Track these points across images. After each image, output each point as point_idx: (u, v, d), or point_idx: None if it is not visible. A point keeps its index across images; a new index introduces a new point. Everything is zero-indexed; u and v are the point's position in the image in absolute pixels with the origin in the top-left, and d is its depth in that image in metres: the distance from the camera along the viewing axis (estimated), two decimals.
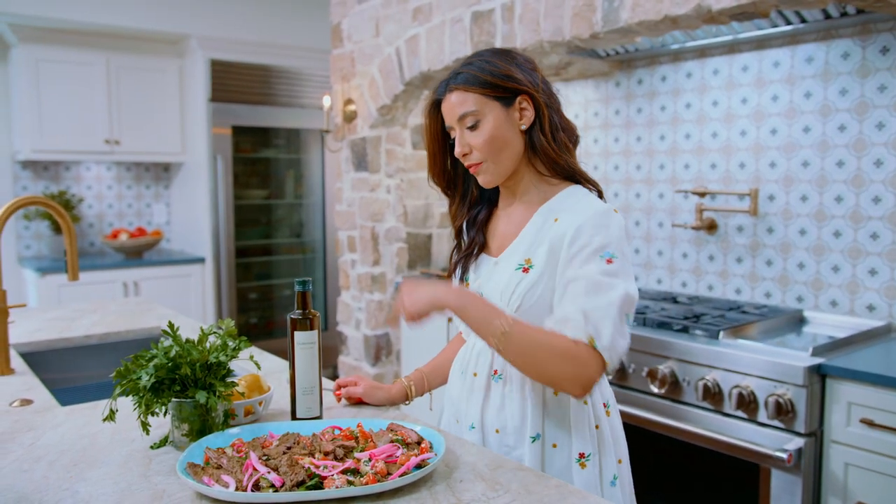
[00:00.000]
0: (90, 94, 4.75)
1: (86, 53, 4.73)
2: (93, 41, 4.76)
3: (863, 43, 2.53)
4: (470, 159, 1.41)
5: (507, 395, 1.42)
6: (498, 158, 1.39)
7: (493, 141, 1.38)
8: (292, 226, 5.63)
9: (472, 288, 1.47)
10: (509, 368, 1.41)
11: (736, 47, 2.87)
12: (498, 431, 1.42)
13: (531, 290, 1.35)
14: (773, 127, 2.79)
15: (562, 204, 1.41)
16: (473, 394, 1.46)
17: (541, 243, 1.37)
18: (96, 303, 3.01)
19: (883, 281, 2.52)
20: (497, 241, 1.48)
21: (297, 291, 1.45)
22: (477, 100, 1.38)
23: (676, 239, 3.15)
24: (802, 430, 2.07)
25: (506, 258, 1.43)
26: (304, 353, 1.45)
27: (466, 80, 1.39)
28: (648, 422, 2.40)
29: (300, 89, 5.27)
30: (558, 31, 2.58)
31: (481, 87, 1.38)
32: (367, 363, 3.89)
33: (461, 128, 1.40)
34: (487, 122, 1.38)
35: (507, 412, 1.41)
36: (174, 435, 1.35)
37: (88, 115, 4.75)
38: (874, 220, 2.54)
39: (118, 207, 5.33)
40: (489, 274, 1.44)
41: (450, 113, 1.41)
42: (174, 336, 1.36)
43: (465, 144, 1.40)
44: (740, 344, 2.31)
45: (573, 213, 1.35)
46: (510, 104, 1.39)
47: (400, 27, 3.40)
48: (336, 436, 1.30)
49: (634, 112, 3.28)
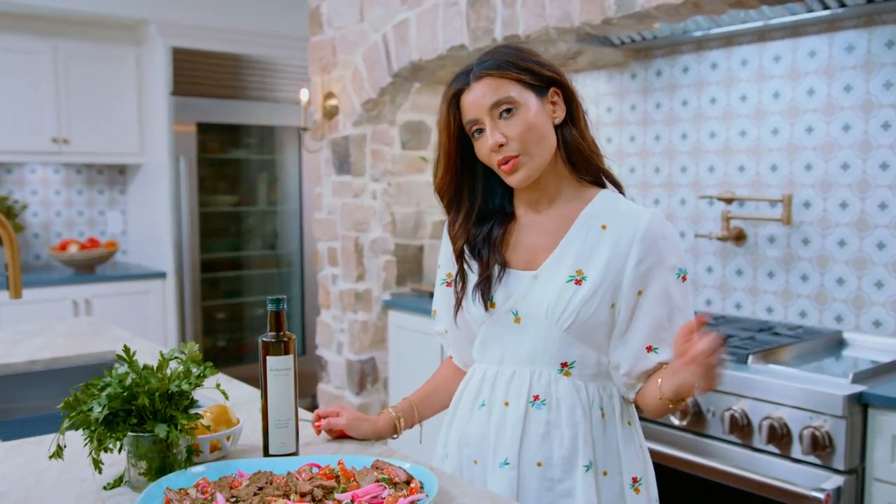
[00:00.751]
0: (35, 87, 4.76)
1: (30, 40, 4.74)
2: (38, 26, 4.78)
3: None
4: (505, 151, 1.41)
5: (553, 423, 1.44)
6: (536, 151, 1.41)
7: (532, 130, 1.40)
8: (265, 236, 5.64)
9: (505, 308, 1.48)
10: (554, 392, 1.44)
11: (767, 35, 2.91)
12: (540, 465, 1.44)
13: (586, 305, 1.40)
14: (809, 124, 2.82)
15: (603, 208, 1.47)
16: (505, 426, 1.48)
17: (592, 253, 1.43)
18: (42, 323, 3.01)
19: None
20: (525, 253, 1.50)
21: (271, 311, 1.46)
22: (513, 86, 1.41)
23: (700, 251, 3.18)
24: (842, 467, 2.09)
25: (548, 270, 1.45)
26: (279, 381, 1.46)
27: (499, 66, 1.42)
28: (669, 457, 2.41)
29: (274, 81, 5.30)
30: (566, 16, 2.61)
31: (518, 72, 1.41)
32: (351, 392, 3.89)
33: (493, 118, 1.41)
34: (525, 111, 1.41)
35: (553, 441, 1.44)
36: (130, 474, 1.35)
37: (33, 110, 4.76)
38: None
39: (67, 215, 5.33)
40: (527, 289, 1.46)
41: (479, 102, 1.41)
42: (130, 362, 1.37)
43: (501, 135, 1.40)
44: (772, 370, 2.32)
45: (625, 221, 1.43)
46: (543, 95, 1.44)
47: (387, 11, 3.43)
48: (314, 474, 1.31)
49: (652, 107, 3.31)
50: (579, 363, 1.45)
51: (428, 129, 4.02)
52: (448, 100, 1.47)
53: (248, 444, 1.60)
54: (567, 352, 1.44)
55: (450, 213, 1.56)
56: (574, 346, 1.44)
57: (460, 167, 1.51)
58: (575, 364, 1.45)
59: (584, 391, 1.45)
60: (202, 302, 5.16)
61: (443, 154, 1.50)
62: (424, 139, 4.01)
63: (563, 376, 1.45)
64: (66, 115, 4.85)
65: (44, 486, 1.37)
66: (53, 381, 2.41)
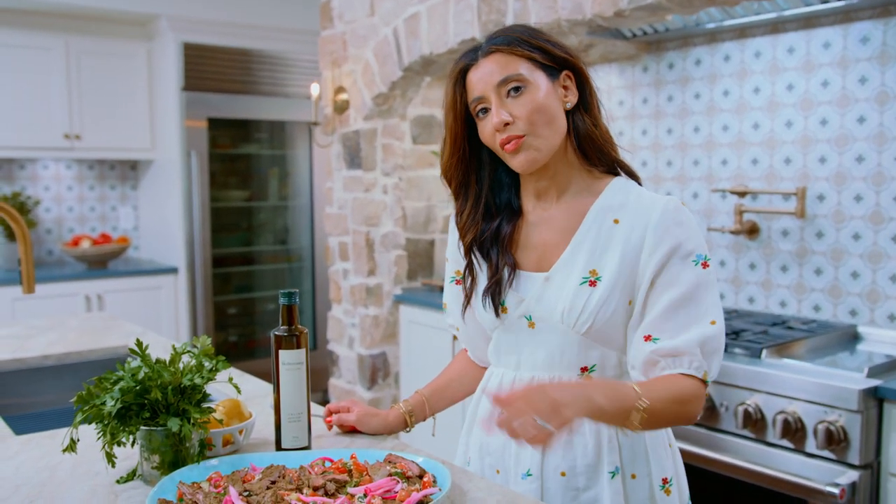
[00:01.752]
0: (47, 83, 4.78)
1: (42, 36, 4.76)
2: (50, 22, 4.80)
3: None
4: (510, 130, 1.34)
5: (576, 431, 1.39)
6: (544, 133, 1.35)
7: (541, 110, 1.34)
8: (276, 231, 5.65)
9: (518, 312, 1.43)
10: None
11: (780, 26, 2.89)
12: (564, 474, 1.40)
13: (604, 308, 1.34)
14: (823, 117, 2.80)
15: (615, 200, 1.39)
16: None
17: (605, 250, 1.36)
18: (55, 318, 3.02)
19: None
20: (535, 253, 1.44)
21: (283, 305, 1.46)
22: (523, 63, 1.35)
23: (713, 244, 3.16)
24: (857, 462, 2.07)
25: (560, 272, 1.39)
26: (291, 376, 1.46)
27: (510, 42, 1.36)
28: (682, 452, 2.39)
29: (285, 76, 5.30)
30: (578, 7, 2.60)
31: (529, 49, 1.35)
32: (362, 386, 3.90)
33: (500, 95, 1.34)
34: (534, 89, 1.34)
35: (576, 450, 1.40)
36: (143, 468, 1.36)
37: (45, 106, 4.78)
38: None
39: (79, 211, 5.36)
40: (539, 292, 1.40)
41: (486, 79, 1.35)
42: (143, 356, 1.37)
43: (507, 113, 1.34)
44: (786, 364, 2.31)
45: (637, 212, 1.36)
46: (555, 77, 1.38)
47: (398, 5, 3.42)
48: (327, 468, 1.31)
49: (665, 100, 3.29)
50: (600, 366, 1.40)
51: (439, 123, 4.02)
52: (455, 77, 1.40)
53: (261, 438, 1.60)
54: (587, 356, 1.39)
55: (458, 199, 1.50)
56: (593, 348, 1.39)
57: (468, 150, 1.44)
58: (595, 367, 1.40)
59: None
60: (214, 297, 5.17)
61: (449, 135, 1.43)
62: (435, 133, 4.01)
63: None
64: (77, 110, 4.87)
65: (57, 479, 1.38)
66: (66, 375, 2.42)
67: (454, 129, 1.42)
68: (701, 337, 1.30)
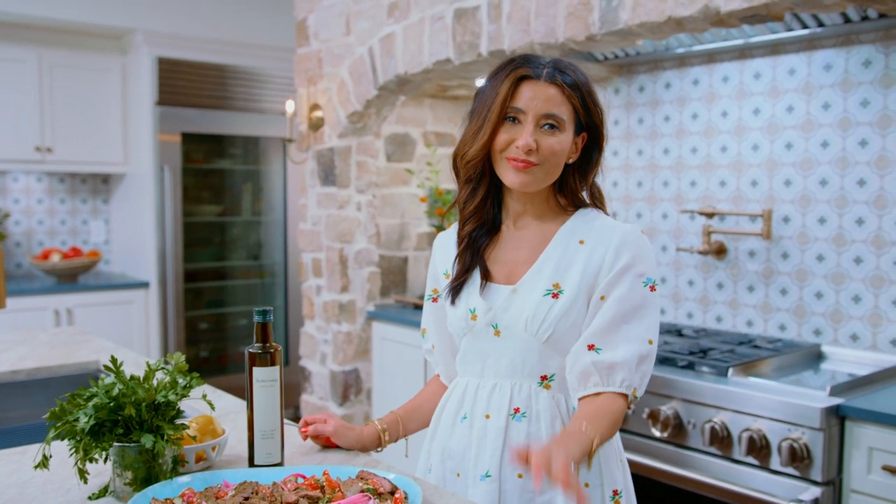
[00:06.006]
0: (19, 95, 4.74)
1: (14, 48, 4.73)
2: (23, 34, 4.77)
3: (885, 50, 2.61)
4: (529, 155, 1.43)
5: (534, 435, 1.46)
6: (550, 171, 1.47)
7: (558, 154, 1.46)
8: (249, 246, 5.63)
9: (486, 320, 1.51)
10: (534, 405, 1.47)
11: (748, 52, 2.95)
12: (521, 476, 1.47)
13: (564, 318, 1.44)
14: (789, 141, 2.87)
15: (582, 225, 1.51)
16: (486, 439, 1.50)
17: (568, 266, 1.47)
18: (24, 333, 3.00)
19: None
20: (505, 267, 1.54)
21: (257, 322, 1.48)
22: (568, 109, 1.46)
23: (681, 264, 3.21)
24: (819, 479, 2.12)
25: (527, 284, 1.49)
26: (265, 392, 1.47)
27: (573, 85, 1.46)
28: (649, 469, 2.43)
29: (260, 92, 5.31)
30: (551, 31, 2.64)
31: (581, 102, 1.47)
32: (334, 403, 3.89)
33: (537, 122, 1.44)
34: (563, 136, 1.46)
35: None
36: (116, 484, 1.36)
37: (17, 118, 4.74)
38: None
39: (50, 224, 5.31)
40: (506, 304, 1.49)
41: (537, 103, 1.44)
42: (117, 372, 1.37)
43: (535, 141, 1.43)
44: (751, 382, 2.35)
45: (601, 235, 1.48)
46: (577, 134, 1.50)
47: (374, 24, 3.45)
48: (300, 485, 1.32)
49: (635, 122, 3.35)
50: (559, 376, 1.48)
51: (413, 141, 4.05)
52: (514, 80, 1.45)
53: (234, 455, 1.60)
54: (547, 364, 1.47)
55: (467, 189, 1.55)
56: (553, 359, 1.47)
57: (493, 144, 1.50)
58: (555, 377, 1.48)
59: (564, 404, 1.49)
60: (185, 312, 5.14)
61: (488, 128, 1.46)
62: (409, 151, 4.04)
63: (543, 389, 1.48)
64: (50, 123, 4.84)
65: (28, 495, 1.37)
66: (36, 391, 2.40)
67: (495, 124, 1.47)
68: (638, 353, 1.41)
